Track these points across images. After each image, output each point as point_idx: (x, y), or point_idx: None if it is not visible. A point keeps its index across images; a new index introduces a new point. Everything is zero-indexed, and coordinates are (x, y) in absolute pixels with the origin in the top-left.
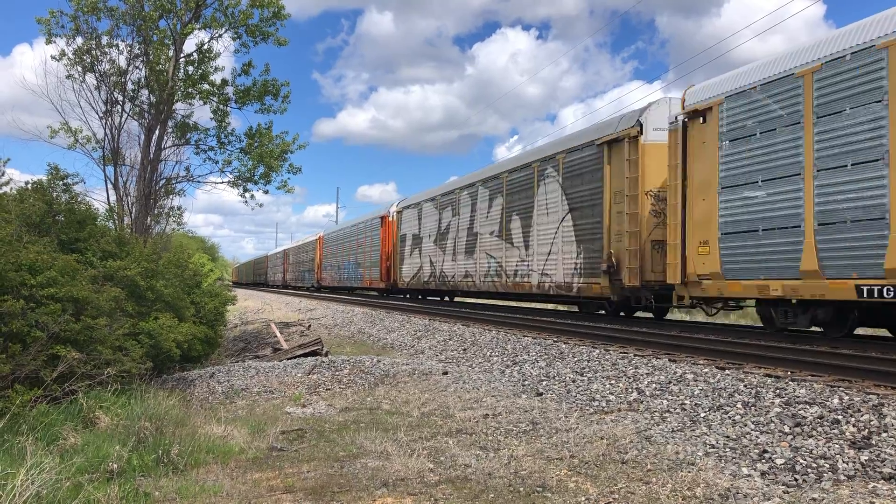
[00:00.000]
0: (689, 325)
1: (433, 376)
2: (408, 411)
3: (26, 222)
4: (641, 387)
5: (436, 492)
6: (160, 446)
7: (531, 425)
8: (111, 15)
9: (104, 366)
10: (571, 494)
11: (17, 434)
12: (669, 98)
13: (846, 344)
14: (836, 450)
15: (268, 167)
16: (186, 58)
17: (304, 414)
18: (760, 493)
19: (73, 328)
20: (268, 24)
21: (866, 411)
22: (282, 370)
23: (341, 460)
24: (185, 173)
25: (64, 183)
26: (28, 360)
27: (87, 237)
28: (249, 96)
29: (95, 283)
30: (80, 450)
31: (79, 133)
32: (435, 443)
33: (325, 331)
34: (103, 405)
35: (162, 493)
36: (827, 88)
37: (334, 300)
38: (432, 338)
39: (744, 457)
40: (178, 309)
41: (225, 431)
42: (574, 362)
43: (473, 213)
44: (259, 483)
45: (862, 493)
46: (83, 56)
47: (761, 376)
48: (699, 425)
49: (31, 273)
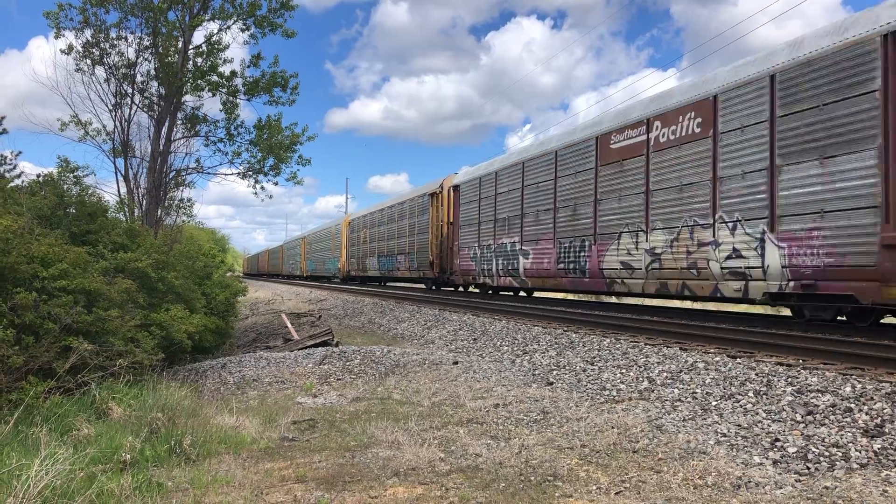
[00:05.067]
0: (699, 313)
1: (443, 366)
2: (418, 401)
3: (38, 215)
4: (652, 376)
5: (447, 481)
6: (172, 437)
7: (542, 415)
8: (120, 7)
9: (116, 357)
10: (582, 483)
11: (32, 425)
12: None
13: (859, 332)
14: (848, 438)
15: (277, 159)
16: (195, 49)
17: (316, 404)
18: (772, 481)
19: (85, 320)
20: (276, 15)
21: (879, 399)
22: (293, 360)
23: (352, 450)
24: (196, 165)
25: (75, 175)
26: (41, 351)
27: (99, 229)
28: (258, 88)
29: (107, 274)
30: (93, 441)
31: (89, 125)
32: (446, 432)
33: (335, 321)
34: (116, 396)
35: (175, 483)
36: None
37: (344, 290)
38: (442, 328)
39: (756, 445)
40: (189, 300)
41: (237, 422)
42: (584, 351)
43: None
44: (271, 473)
45: (875, 481)
46: (92, 49)
47: (773, 365)
48: (710, 414)
49: (43, 265)
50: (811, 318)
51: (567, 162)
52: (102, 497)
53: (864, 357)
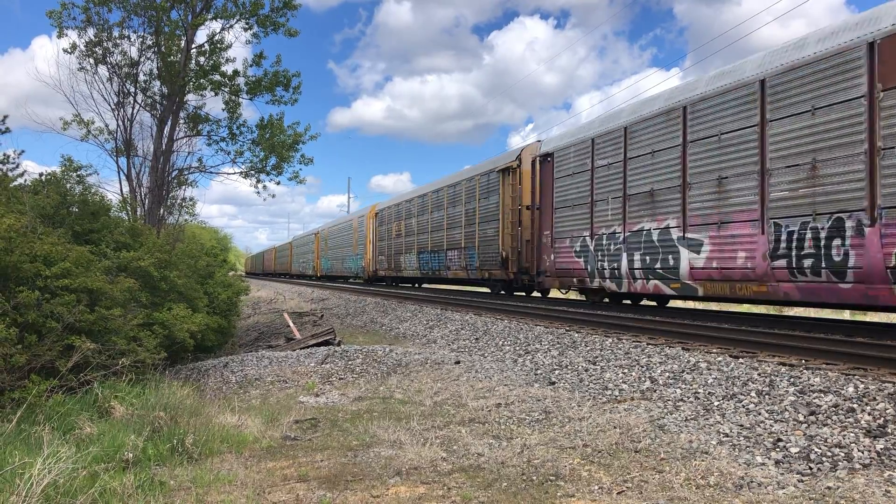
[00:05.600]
0: (701, 313)
1: (445, 365)
2: (420, 400)
3: (41, 214)
4: (654, 375)
5: (449, 480)
6: (175, 436)
7: (544, 414)
8: (122, 6)
9: (119, 356)
10: (584, 483)
11: (34, 423)
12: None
13: (862, 332)
14: (851, 438)
15: (279, 158)
16: (198, 48)
17: (318, 403)
18: (775, 481)
19: (87, 319)
20: (278, 15)
21: (882, 399)
22: (295, 360)
23: (354, 449)
24: (198, 164)
25: (77, 174)
26: (44, 350)
27: (101, 228)
28: (261, 87)
29: (109, 273)
30: (95, 439)
31: (91, 124)
32: (448, 432)
33: (337, 320)
34: (118, 395)
35: (177, 482)
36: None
37: (347, 290)
38: (444, 327)
39: (758, 445)
40: (191, 299)
41: (239, 421)
42: (586, 351)
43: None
44: (273, 472)
45: (878, 481)
46: (95, 48)
47: (775, 365)
48: (713, 414)
49: (46, 264)
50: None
51: (796, 92)
52: (105, 496)
53: (866, 357)
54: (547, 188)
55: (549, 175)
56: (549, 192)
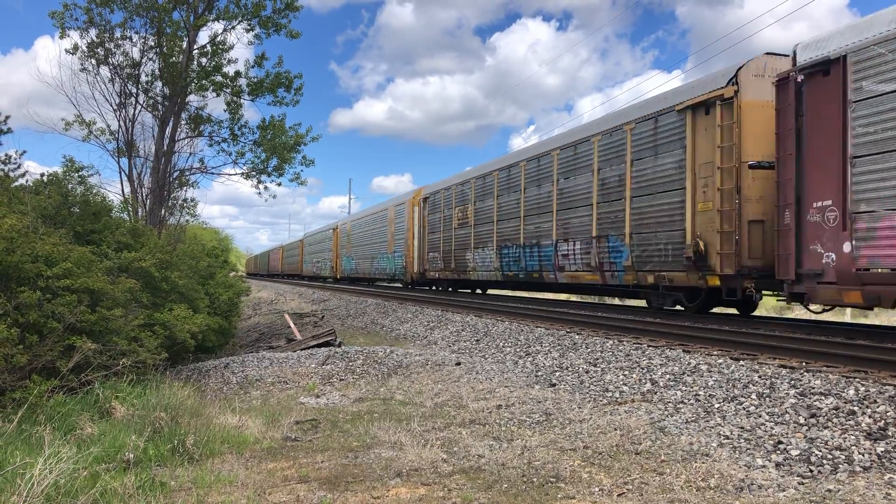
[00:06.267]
0: (701, 315)
1: (446, 367)
2: (421, 402)
3: (42, 214)
4: (655, 377)
5: (449, 482)
6: (176, 436)
7: (544, 416)
8: (124, 7)
9: (120, 356)
10: (585, 485)
11: (35, 424)
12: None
13: (862, 335)
14: (851, 441)
15: (281, 159)
16: (200, 49)
17: (318, 404)
18: (775, 484)
19: (88, 319)
20: (280, 16)
21: (882, 402)
22: (296, 361)
23: (355, 450)
24: (199, 165)
25: (79, 175)
26: (45, 350)
27: (102, 229)
28: (262, 88)
29: (111, 274)
30: (96, 440)
31: (93, 125)
32: (448, 433)
33: (338, 322)
34: (119, 395)
35: (178, 482)
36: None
37: (347, 291)
38: (445, 329)
39: (758, 448)
40: (192, 300)
41: (240, 421)
42: (587, 353)
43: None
44: (274, 473)
45: (878, 484)
46: (96, 49)
47: (776, 367)
48: (713, 416)
49: (47, 264)
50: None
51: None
52: (106, 496)
53: (867, 360)
54: (820, 124)
55: (823, 101)
56: (825, 132)
